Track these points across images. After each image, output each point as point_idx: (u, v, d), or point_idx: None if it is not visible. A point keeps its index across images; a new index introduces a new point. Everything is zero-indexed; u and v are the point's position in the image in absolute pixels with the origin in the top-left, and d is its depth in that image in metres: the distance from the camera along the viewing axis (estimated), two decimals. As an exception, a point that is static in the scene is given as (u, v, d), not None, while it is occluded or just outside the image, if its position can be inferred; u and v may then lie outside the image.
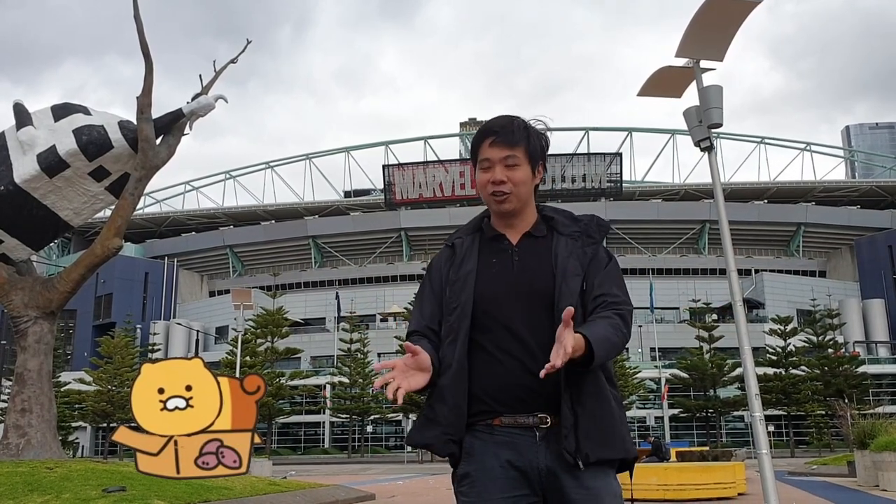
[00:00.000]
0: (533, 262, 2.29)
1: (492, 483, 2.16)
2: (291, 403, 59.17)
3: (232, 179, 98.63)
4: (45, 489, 9.53)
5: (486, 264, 2.31)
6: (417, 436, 2.27)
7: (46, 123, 13.19)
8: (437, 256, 2.45)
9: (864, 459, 16.15)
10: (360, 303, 74.85)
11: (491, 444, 2.19)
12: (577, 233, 2.34)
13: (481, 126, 2.38)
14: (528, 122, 2.37)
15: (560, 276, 2.23)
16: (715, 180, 7.27)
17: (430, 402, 2.26)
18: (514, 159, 2.29)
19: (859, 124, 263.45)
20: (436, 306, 2.34)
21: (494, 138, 2.30)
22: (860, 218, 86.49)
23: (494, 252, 2.33)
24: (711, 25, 6.91)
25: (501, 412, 2.19)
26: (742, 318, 6.85)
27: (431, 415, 2.24)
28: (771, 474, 6.15)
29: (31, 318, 13.53)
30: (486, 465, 2.18)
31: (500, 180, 2.29)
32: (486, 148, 2.32)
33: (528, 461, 2.16)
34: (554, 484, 2.15)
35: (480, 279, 2.27)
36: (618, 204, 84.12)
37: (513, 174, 2.29)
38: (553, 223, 2.38)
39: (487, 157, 2.31)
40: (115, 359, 55.11)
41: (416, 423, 2.31)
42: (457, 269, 2.32)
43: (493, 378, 2.20)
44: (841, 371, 52.60)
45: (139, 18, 13.41)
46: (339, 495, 13.80)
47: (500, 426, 2.19)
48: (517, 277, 2.27)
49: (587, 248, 2.31)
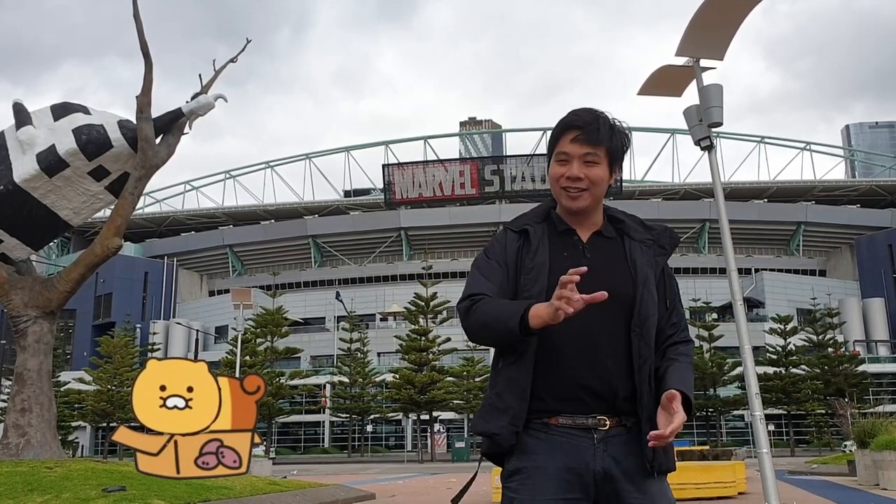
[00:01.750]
0: (605, 262, 2.23)
1: (544, 482, 2.12)
2: (291, 403, 59.21)
3: (232, 179, 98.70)
4: (45, 489, 9.52)
5: (557, 257, 2.23)
6: (483, 423, 2.19)
7: (46, 123, 13.17)
8: (498, 239, 2.34)
9: (865, 458, 16.15)
10: (360, 302, 74.93)
11: (546, 443, 2.14)
12: (649, 240, 2.30)
13: (563, 118, 2.30)
14: (613, 121, 2.29)
15: (641, 284, 2.20)
16: (715, 179, 7.26)
17: (498, 390, 2.18)
18: (594, 157, 2.23)
19: (859, 123, 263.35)
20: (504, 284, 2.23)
21: (578, 134, 2.24)
22: (860, 217, 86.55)
23: (565, 246, 2.26)
24: (711, 24, 6.90)
25: (560, 411, 2.15)
26: (742, 318, 6.84)
27: (500, 404, 2.16)
28: (771, 473, 6.14)
29: (30, 317, 13.52)
30: (540, 464, 2.13)
31: (577, 177, 2.23)
32: (567, 142, 2.25)
33: (585, 463, 2.12)
34: (609, 488, 2.12)
35: (553, 272, 2.16)
36: (618, 203, 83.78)
37: (591, 172, 2.23)
38: (623, 227, 2.33)
39: (566, 151, 2.25)
40: (115, 358, 55.12)
41: (480, 412, 2.23)
42: (532, 256, 2.23)
43: (557, 376, 2.15)
44: (841, 370, 52.63)
45: (139, 18, 13.40)
46: (340, 495, 13.79)
47: (556, 426, 2.15)
48: (592, 274, 2.11)
49: (659, 258, 2.29)
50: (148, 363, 2.77)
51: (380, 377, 57.49)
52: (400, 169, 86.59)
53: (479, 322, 2.14)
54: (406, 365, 53.43)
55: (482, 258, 2.32)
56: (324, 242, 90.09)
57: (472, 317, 2.16)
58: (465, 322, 2.19)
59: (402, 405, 52.27)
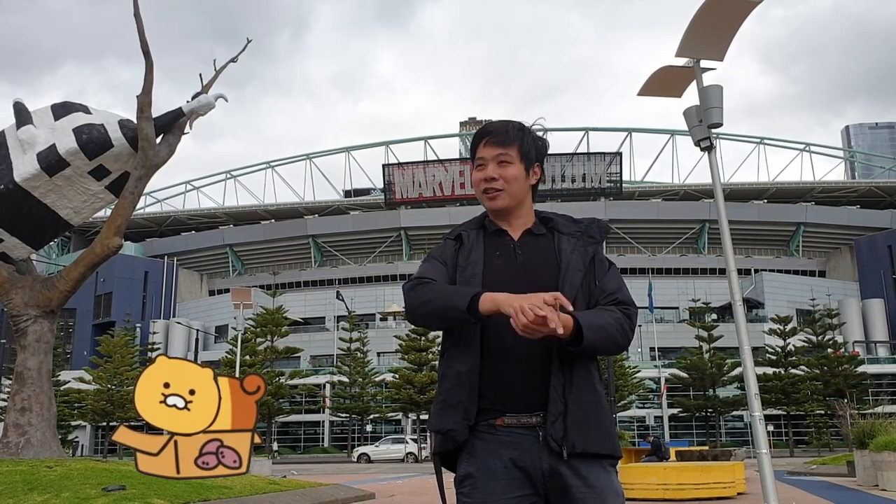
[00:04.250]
0: (535, 256, 2.33)
1: (494, 483, 2.16)
2: (291, 402, 59.18)
3: (232, 179, 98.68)
4: (45, 488, 9.53)
5: (490, 256, 2.34)
6: (438, 421, 2.25)
7: (46, 122, 13.17)
8: (437, 247, 2.47)
9: (864, 459, 16.15)
10: (360, 302, 74.93)
11: (493, 444, 2.19)
12: (578, 232, 2.38)
13: (479, 128, 2.45)
14: (525, 125, 2.43)
15: (563, 269, 2.28)
16: (715, 180, 7.26)
17: (448, 385, 2.25)
18: (506, 157, 2.36)
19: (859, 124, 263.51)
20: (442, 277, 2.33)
21: (489, 138, 2.38)
22: (860, 218, 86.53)
23: (497, 246, 2.37)
24: (712, 25, 6.90)
25: (504, 411, 2.19)
26: (741, 318, 6.84)
27: (452, 400, 2.22)
28: (770, 474, 6.15)
29: (30, 316, 13.52)
30: (488, 466, 2.17)
31: (491, 177, 2.36)
32: (481, 148, 2.39)
33: (531, 461, 2.16)
34: (557, 483, 2.15)
35: (486, 270, 2.30)
36: (617, 203, 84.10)
37: (504, 171, 2.35)
38: (553, 224, 2.43)
39: (482, 157, 2.39)
40: (115, 358, 55.06)
41: (434, 410, 2.30)
42: (466, 256, 2.35)
43: (499, 376, 2.20)
44: (840, 371, 52.58)
45: (139, 17, 13.39)
46: (339, 494, 13.79)
47: (502, 426, 2.19)
48: (521, 270, 2.30)
49: (588, 247, 2.35)
50: (158, 358, 2.79)
51: (379, 377, 57.46)
52: (400, 169, 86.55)
53: (424, 297, 2.22)
54: (406, 365, 53.43)
55: (427, 260, 2.43)
56: (324, 242, 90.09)
57: (417, 292, 2.24)
58: (409, 298, 2.26)
59: (401, 405, 52.26)
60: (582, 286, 2.27)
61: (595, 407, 2.20)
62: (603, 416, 2.22)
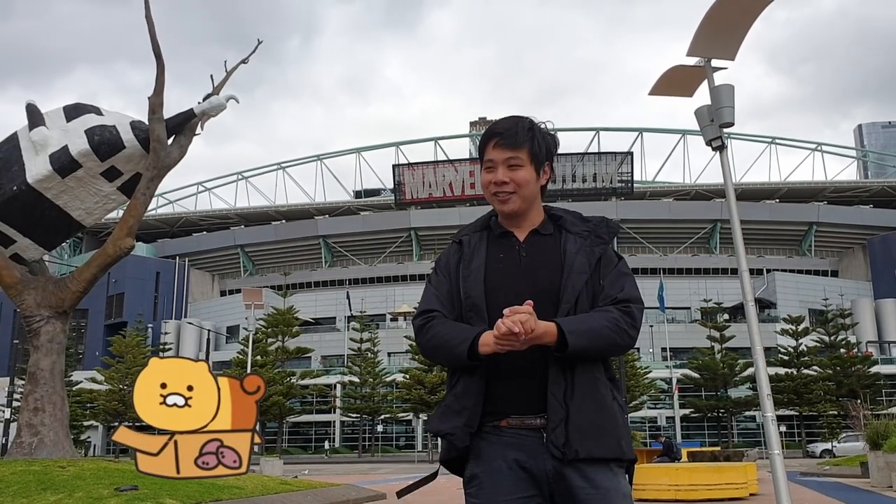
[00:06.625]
0: (540, 258, 2.31)
1: (500, 484, 2.17)
2: (302, 402, 59.32)
3: (244, 180, 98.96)
4: (58, 488, 9.58)
5: (493, 260, 2.32)
6: (438, 424, 2.25)
7: (59, 124, 13.24)
8: (444, 252, 2.45)
9: (878, 460, 16.05)
10: (370, 302, 74.96)
11: (498, 445, 2.19)
12: (586, 232, 2.35)
13: (487, 128, 2.39)
14: (535, 123, 2.38)
15: (566, 272, 2.25)
16: (727, 179, 7.23)
17: (455, 392, 2.25)
18: (516, 160, 2.31)
19: (872, 123, 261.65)
20: (453, 295, 2.33)
21: (498, 140, 2.32)
22: (872, 217, 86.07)
23: (502, 248, 2.35)
24: (723, 24, 6.87)
25: (510, 413, 2.19)
26: (754, 318, 6.80)
27: (456, 405, 2.23)
28: (783, 475, 6.11)
29: (43, 317, 13.59)
30: (493, 467, 2.18)
31: (502, 181, 2.32)
32: (490, 149, 2.34)
33: (536, 462, 2.16)
34: (562, 485, 2.14)
35: (488, 275, 2.29)
36: (629, 203, 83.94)
37: (515, 175, 2.31)
38: (561, 222, 2.39)
39: (491, 159, 2.34)
40: (127, 358, 55.35)
41: (436, 413, 2.30)
42: (467, 264, 2.33)
43: (502, 380, 2.20)
44: (853, 371, 52.31)
45: (150, 19, 13.44)
46: (351, 495, 13.81)
47: (507, 427, 2.19)
48: (524, 273, 2.28)
49: (595, 247, 2.32)
50: (150, 361, 2.79)
51: (390, 377, 57.55)
52: (410, 169, 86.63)
53: (430, 343, 2.26)
54: (416, 365, 53.48)
55: (433, 273, 2.43)
56: (334, 243, 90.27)
57: (425, 337, 2.27)
58: (419, 340, 2.30)
59: (412, 405, 52.31)
60: (586, 288, 2.25)
61: (599, 410, 2.17)
62: (608, 419, 2.18)
